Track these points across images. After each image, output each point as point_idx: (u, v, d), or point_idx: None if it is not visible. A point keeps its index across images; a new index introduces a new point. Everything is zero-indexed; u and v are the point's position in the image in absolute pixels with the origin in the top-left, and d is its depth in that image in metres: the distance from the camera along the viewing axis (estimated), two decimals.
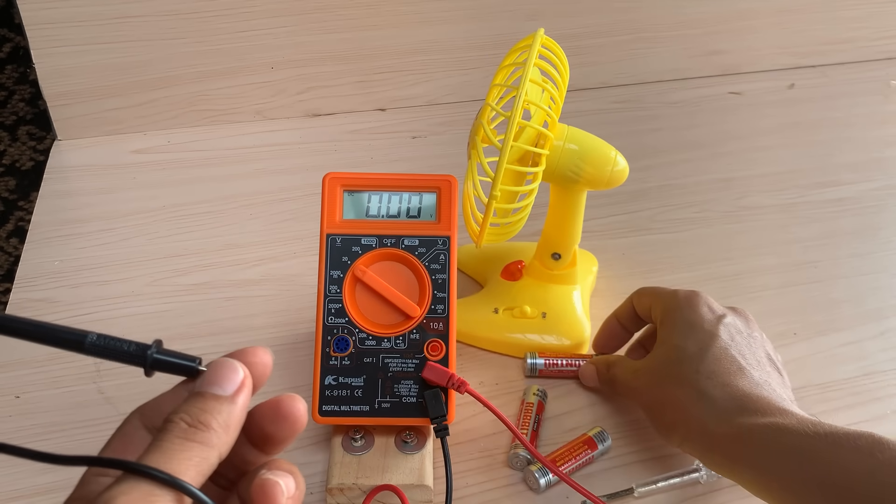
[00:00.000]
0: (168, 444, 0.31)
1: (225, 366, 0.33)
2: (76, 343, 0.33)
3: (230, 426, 0.32)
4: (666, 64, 0.95)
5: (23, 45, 1.52)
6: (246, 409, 0.33)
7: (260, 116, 0.89)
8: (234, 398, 0.32)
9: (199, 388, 0.33)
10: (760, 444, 0.48)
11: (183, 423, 0.31)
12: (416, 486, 0.53)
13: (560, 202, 0.62)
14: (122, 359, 0.33)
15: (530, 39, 0.56)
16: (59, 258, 0.73)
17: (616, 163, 0.58)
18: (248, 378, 0.34)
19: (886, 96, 0.96)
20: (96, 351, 0.33)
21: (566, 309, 0.65)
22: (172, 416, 0.32)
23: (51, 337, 0.34)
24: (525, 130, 0.55)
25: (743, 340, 0.55)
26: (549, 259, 0.65)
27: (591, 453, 0.57)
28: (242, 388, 0.33)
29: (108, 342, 0.33)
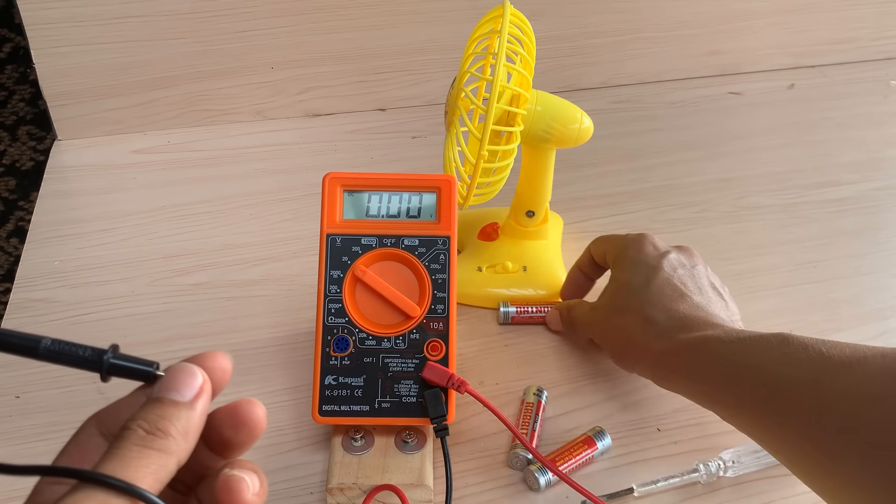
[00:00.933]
0: (125, 452, 0.30)
1: (183, 371, 0.32)
2: (30, 349, 0.32)
3: (189, 432, 0.31)
4: (666, 64, 0.95)
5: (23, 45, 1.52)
6: (205, 414, 0.32)
7: (260, 116, 0.89)
8: (192, 404, 0.32)
9: (157, 394, 0.32)
10: (693, 354, 0.53)
11: (140, 430, 0.31)
12: (416, 485, 0.53)
13: (532, 162, 0.66)
14: (78, 364, 0.32)
15: (497, 12, 0.59)
16: (59, 258, 0.73)
17: (582, 121, 0.62)
18: (207, 383, 0.33)
19: (886, 96, 0.96)
20: (51, 356, 0.32)
21: (544, 261, 0.71)
22: (130, 423, 0.31)
23: (1, 343, 0.33)
24: (503, 93, 0.58)
25: (685, 272, 0.60)
26: (523, 217, 0.70)
27: (591, 453, 0.57)
28: (201, 394, 0.32)
29: (62, 347, 0.32)
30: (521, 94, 0.59)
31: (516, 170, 0.65)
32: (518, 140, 0.60)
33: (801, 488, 0.58)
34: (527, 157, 0.66)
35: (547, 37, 0.66)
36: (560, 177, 0.67)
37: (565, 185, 0.76)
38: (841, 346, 0.48)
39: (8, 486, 0.57)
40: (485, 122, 0.56)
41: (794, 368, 0.48)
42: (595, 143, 0.64)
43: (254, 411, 0.33)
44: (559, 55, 0.91)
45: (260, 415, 0.33)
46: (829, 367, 0.46)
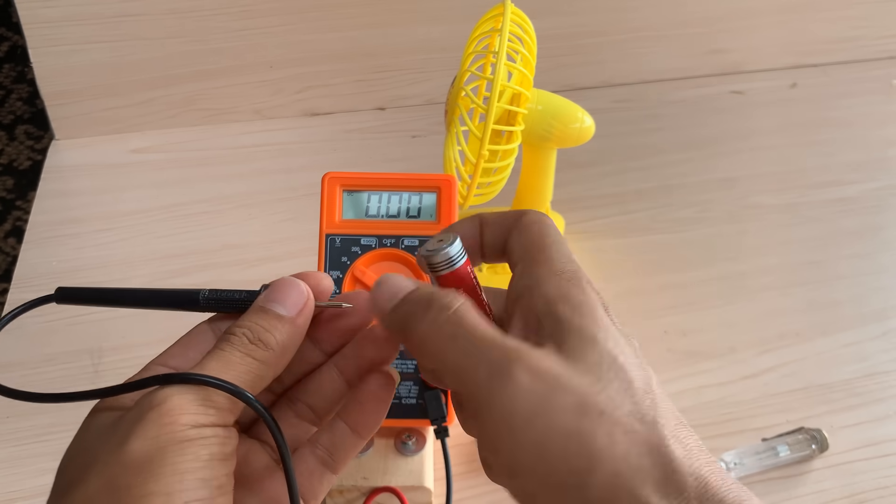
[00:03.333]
0: (229, 356, 0.32)
1: (291, 285, 0.34)
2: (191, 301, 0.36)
3: (287, 348, 0.33)
4: (667, 63, 0.95)
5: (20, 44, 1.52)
6: (304, 331, 0.33)
7: (259, 116, 0.88)
8: (295, 320, 0.33)
9: (262, 303, 0.33)
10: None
11: (245, 337, 0.32)
12: (415, 487, 0.53)
13: (532, 162, 0.66)
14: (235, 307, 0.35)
15: (498, 10, 0.59)
16: (57, 258, 0.73)
17: (583, 121, 0.62)
18: (311, 301, 0.34)
19: (888, 96, 0.95)
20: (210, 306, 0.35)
21: None
22: (235, 329, 0.32)
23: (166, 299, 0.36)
24: (504, 92, 0.58)
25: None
26: None
27: None
28: (304, 311, 0.33)
29: (220, 295, 0.35)
30: (521, 93, 0.59)
31: (517, 169, 0.65)
32: (519, 139, 0.60)
33: (803, 490, 0.58)
34: (527, 157, 0.66)
35: (548, 35, 0.66)
36: (561, 176, 0.67)
37: (566, 184, 0.76)
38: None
39: (8, 487, 0.57)
40: (485, 121, 0.56)
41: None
42: (596, 143, 0.64)
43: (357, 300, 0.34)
44: (560, 54, 0.91)
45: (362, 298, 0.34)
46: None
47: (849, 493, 0.58)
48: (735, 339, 0.68)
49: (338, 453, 0.35)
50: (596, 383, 0.29)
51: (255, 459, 0.34)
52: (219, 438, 0.31)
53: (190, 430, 0.30)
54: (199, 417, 0.30)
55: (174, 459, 0.29)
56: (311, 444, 0.35)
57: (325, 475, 0.35)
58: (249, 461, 0.33)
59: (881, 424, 0.62)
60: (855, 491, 0.58)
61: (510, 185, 0.63)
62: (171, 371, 0.34)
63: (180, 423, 0.30)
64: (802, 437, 0.59)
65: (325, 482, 0.35)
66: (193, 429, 0.30)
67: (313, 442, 0.35)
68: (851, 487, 0.58)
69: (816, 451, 0.59)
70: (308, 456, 0.34)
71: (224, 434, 0.31)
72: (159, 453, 0.29)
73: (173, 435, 0.29)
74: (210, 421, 0.31)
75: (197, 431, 0.30)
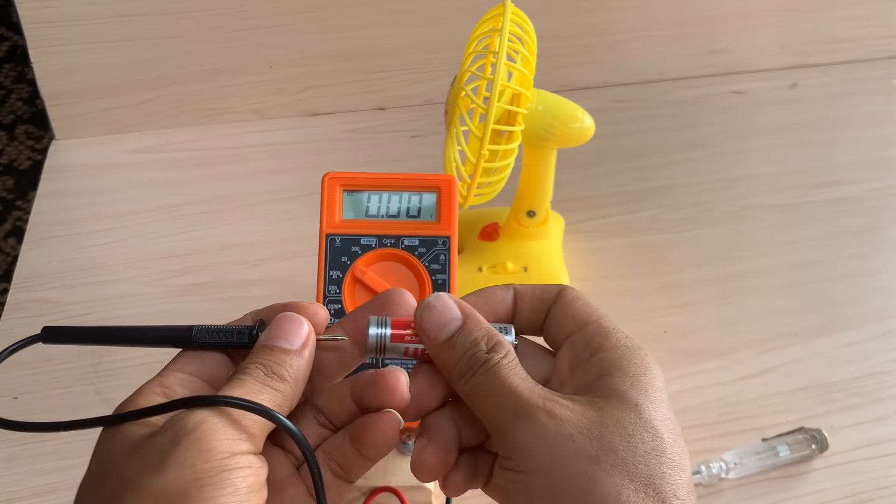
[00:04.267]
0: (249, 385, 0.32)
1: (292, 320, 0.34)
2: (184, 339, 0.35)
3: (299, 379, 0.33)
4: (667, 63, 0.95)
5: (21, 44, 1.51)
6: (311, 361, 0.34)
7: (259, 116, 0.88)
8: (301, 351, 0.33)
9: (266, 342, 0.33)
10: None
11: (260, 371, 0.32)
12: (415, 487, 0.52)
13: (533, 162, 0.66)
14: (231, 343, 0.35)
15: (498, 10, 0.59)
16: (57, 258, 0.73)
17: (583, 120, 0.62)
18: (312, 333, 0.34)
19: (888, 96, 0.95)
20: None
21: (545, 261, 0.70)
22: (247, 365, 0.33)
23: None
24: (504, 92, 0.58)
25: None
26: (524, 217, 0.69)
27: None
28: (308, 343, 0.34)
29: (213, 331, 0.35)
30: (521, 93, 0.59)
31: (517, 169, 0.65)
32: (519, 139, 0.60)
33: (803, 489, 0.58)
34: (527, 157, 0.66)
35: (548, 35, 0.66)
36: (561, 176, 0.67)
37: (566, 184, 0.76)
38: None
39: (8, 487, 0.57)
40: (485, 121, 0.56)
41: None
42: (596, 143, 0.64)
43: (395, 378, 0.34)
44: (560, 54, 0.91)
45: (401, 381, 0.34)
46: None
47: (849, 492, 0.58)
48: (735, 339, 0.68)
49: (349, 469, 0.34)
50: (622, 439, 0.31)
51: (277, 467, 0.33)
52: (254, 469, 0.30)
53: (228, 460, 0.29)
54: (236, 444, 0.30)
55: (213, 493, 0.28)
56: (326, 455, 0.34)
57: (342, 486, 0.35)
58: (273, 469, 0.33)
59: (881, 424, 0.62)
60: (855, 491, 0.58)
61: (510, 185, 0.63)
62: (190, 393, 0.33)
63: (218, 452, 0.29)
64: (802, 437, 0.59)
65: (343, 491, 0.35)
66: (231, 457, 0.29)
67: (328, 453, 0.34)
68: (851, 487, 0.58)
69: (816, 451, 0.59)
70: (323, 466, 0.34)
71: (258, 464, 0.31)
72: (197, 485, 0.28)
73: (211, 465, 0.29)
74: (246, 448, 0.30)
75: (234, 461, 0.29)
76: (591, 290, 0.71)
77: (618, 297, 0.71)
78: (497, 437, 0.33)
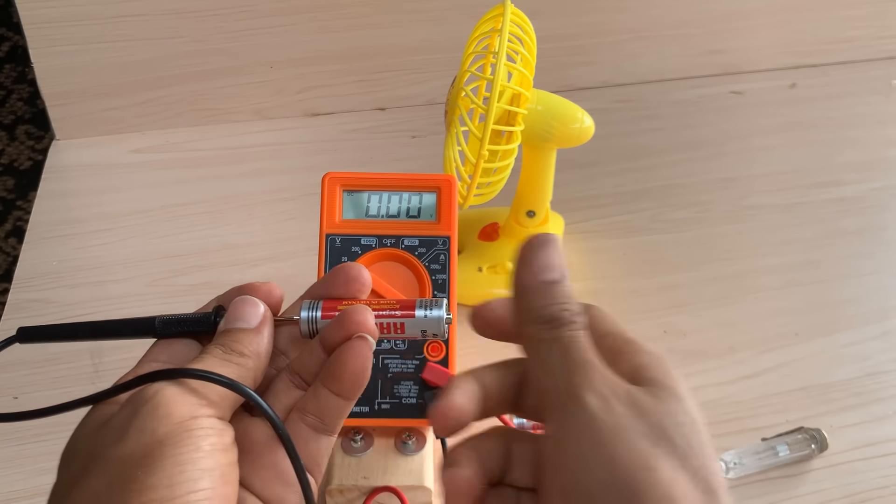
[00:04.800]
0: (208, 361, 0.33)
1: (245, 302, 0.35)
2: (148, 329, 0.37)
3: (260, 353, 0.34)
4: (667, 63, 0.95)
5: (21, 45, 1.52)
6: (272, 338, 0.35)
7: (259, 116, 0.88)
8: (259, 329, 0.35)
9: (224, 326, 0.35)
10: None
11: (219, 350, 0.33)
12: (415, 487, 0.53)
13: (532, 162, 0.66)
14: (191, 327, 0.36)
15: (498, 10, 0.59)
16: (58, 258, 0.73)
17: (583, 121, 0.62)
18: (268, 311, 0.35)
19: (888, 96, 0.95)
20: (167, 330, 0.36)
21: None
22: (208, 347, 0.34)
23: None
24: (504, 92, 0.58)
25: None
26: (524, 217, 0.69)
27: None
28: (265, 321, 0.35)
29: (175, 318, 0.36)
30: (521, 93, 0.59)
31: (517, 169, 0.65)
32: (519, 140, 0.60)
33: (802, 489, 0.58)
34: (527, 157, 0.66)
35: (547, 36, 0.66)
36: (561, 177, 0.67)
37: (566, 184, 0.76)
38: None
39: (8, 487, 0.57)
40: (485, 121, 0.56)
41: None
42: (596, 143, 0.64)
43: (356, 269, 0.36)
44: (560, 54, 0.91)
45: (361, 270, 0.36)
46: None
47: (848, 492, 0.58)
48: (735, 339, 0.68)
49: (327, 417, 0.35)
50: (676, 427, 0.31)
51: (254, 433, 0.34)
52: (216, 430, 0.31)
53: (188, 422, 0.30)
54: (196, 409, 0.31)
55: (174, 451, 0.29)
56: (300, 412, 0.35)
57: (321, 439, 0.35)
58: (250, 435, 0.34)
59: (880, 424, 0.62)
60: (854, 491, 0.58)
61: (510, 185, 0.63)
62: (162, 367, 0.34)
63: (177, 415, 0.30)
64: (802, 436, 0.59)
65: (322, 446, 0.35)
66: (191, 419, 0.30)
67: (301, 410, 0.35)
68: (851, 487, 0.58)
69: (816, 451, 0.59)
70: (298, 424, 0.34)
71: (221, 426, 0.31)
72: (158, 446, 0.29)
73: (170, 427, 0.29)
74: (206, 413, 0.31)
75: (196, 423, 0.30)
76: (591, 290, 0.71)
77: (618, 297, 0.71)
78: (551, 396, 0.31)
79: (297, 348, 0.37)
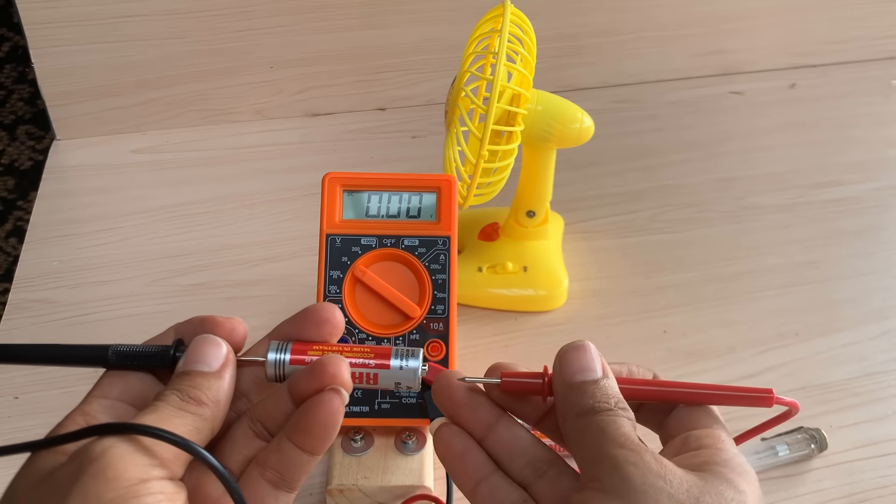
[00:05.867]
0: (164, 410, 0.30)
1: (207, 343, 0.33)
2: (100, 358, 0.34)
3: (220, 400, 0.32)
4: (666, 63, 0.95)
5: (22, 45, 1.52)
6: (233, 382, 0.33)
7: (259, 116, 0.88)
8: (220, 373, 0.32)
9: (185, 367, 0.32)
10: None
11: (175, 397, 0.31)
12: (415, 487, 0.53)
13: (532, 162, 0.66)
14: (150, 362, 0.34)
15: (498, 11, 0.59)
16: (58, 258, 0.73)
17: (583, 121, 0.62)
18: (231, 353, 0.33)
19: (888, 96, 0.95)
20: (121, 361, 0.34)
21: (545, 261, 0.70)
22: (164, 393, 0.31)
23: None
24: (504, 92, 0.58)
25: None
26: (523, 217, 0.69)
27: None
28: (227, 363, 0.33)
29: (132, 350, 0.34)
30: (521, 93, 0.59)
31: (517, 170, 0.65)
32: (518, 140, 0.60)
33: (802, 489, 0.58)
34: (527, 157, 0.66)
35: (547, 36, 0.66)
36: (560, 177, 0.67)
37: (566, 185, 0.76)
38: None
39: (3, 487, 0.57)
40: (485, 121, 0.56)
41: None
42: (595, 143, 0.64)
43: (329, 310, 0.35)
44: (559, 54, 0.91)
45: (335, 311, 0.35)
46: None
47: (848, 492, 0.58)
48: (734, 338, 0.68)
49: (289, 473, 0.32)
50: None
51: (208, 486, 0.32)
52: (167, 495, 0.28)
53: (137, 486, 0.27)
54: (146, 471, 0.28)
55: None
56: (260, 466, 0.32)
57: (280, 496, 0.33)
58: (203, 488, 0.31)
59: (880, 424, 0.62)
60: (854, 490, 0.58)
61: (510, 185, 0.64)
62: (112, 409, 0.32)
63: (125, 479, 0.27)
64: (801, 436, 0.59)
65: (281, 502, 0.33)
66: (140, 484, 0.28)
67: (262, 464, 0.32)
68: (850, 487, 0.58)
69: (815, 451, 0.59)
70: (257, 480, 0.32)
71: (172, 489, 0.29)
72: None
73: (118, 492, 0.27)
74: (157, 475, 0.29)
75: (145, 487, 0.28)
76: (591, 290, 0.71)
77: (618, 297, 0.71)
78: (594, 464, 0.33)
79: (260, 391, 0.35)
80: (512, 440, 0.36)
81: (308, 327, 0.35)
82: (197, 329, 0.34)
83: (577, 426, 0.34)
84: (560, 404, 0.35)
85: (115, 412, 0.32)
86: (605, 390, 0.34)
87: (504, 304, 0.70)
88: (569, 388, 0.34)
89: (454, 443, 0.36)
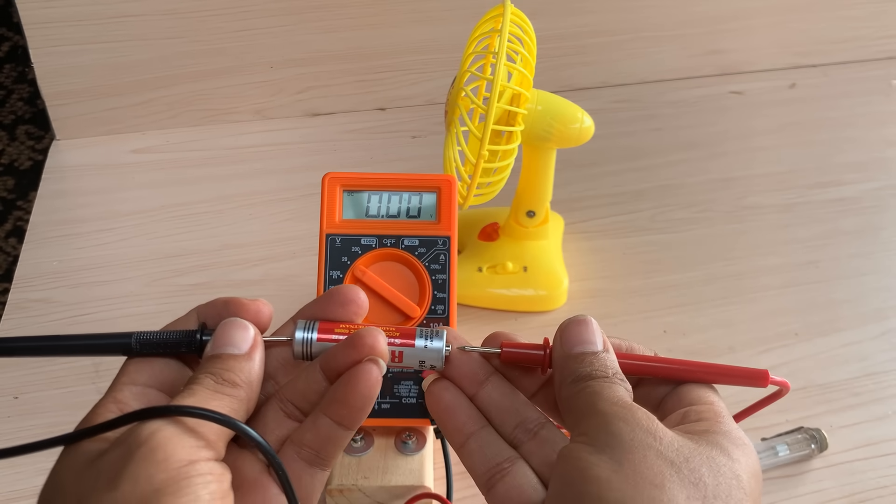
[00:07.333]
0: (199, 394, 0.31)
1: (235, 326, 0.33)
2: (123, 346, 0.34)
3: (252, 381, 0.32)
4: (666, 63, 0.95)
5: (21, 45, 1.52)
6: (262, 363, 0.33)
7: (259, 116, 0.88)
8: (250, 355, 0.33)
9: (214, 351, 0.33)
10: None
11: (210, 380, 0.31)
12: (415, 487, 0.53)
13: (532, 162, 0.66)
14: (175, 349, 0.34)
15: (498, 10, 0.59)
16: (58, 258, 0.73)
17: (583, 121, 0.62)
18: (259, 334, 0.34)
19: (888, 96, 0.95)
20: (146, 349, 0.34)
21: (545, 261, 0.70)
22: (197, 376, 0.32)
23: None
24: (504, 92, 0.58)
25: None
26: (523, 217, 0.69)
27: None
28: (256, 345, 0.33)
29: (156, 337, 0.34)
30: (521, 93, 0.59)
31: (517, 170, 0.65)
32: (518, 140, 0.60)
33: (802, 489, 0.58)
34: (527, 157, 0.66)
35: (547, 36, 0.66)
36: (560, 177, 0.67)
37: (566, 184, 0.76)
38: None
39: (8, 487, 0.57)
40: (485, 121, 0.56)
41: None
42: (595, 143, 0.64)
43: (354, 293, 0.36)
44: (559, 54, 0.91)
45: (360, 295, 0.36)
46: None
47: (848, 492, 0.58)
48: (734, 338, 0.68)
49: (325, 450, 0.33)
50: (709, 470, 0.32)
51: (244, 467, 0.32)
52: (215, 476, 0.29)
53: (187, 468, 0.28)
54: (195, 452, 0.29)
55: (172, 501, 0.27)
56: (296, 445, 0.33)
57: (316, 474, 0.33)
58: (240, 469, 0.32)
59: (880, 424, 0.62)
60: (854, 490, 0.58)
61: (510, 185, 0.64)
62: (144, 393, 0.32)
63: (176, 460, 0.28)
64: (802, 436, 0.59)
65: (317, 480, 0.33)
66: (190, 465, 0.28)
67: (297, 442, 0.33)
68: (851, 487, 0.58)
69: (816, 451, 0.59)
70: (293, 458, 0.33)
71: (220, 470, 0.30)
72: (155, 495, 0.27)
73: (169, 474, 0.27)
74: (206, 455, 0.29)
75: (194, 468, 0.28)
76: (591, 290, 0.71)
77: (618, 297, 0.71)
78: (584, 419, 0.33)
79: (287, 373, 0.35)
80: (502, 399, 0.36)
81: (334, 307, 0.36)
82: (221, 311, 0.35)
83: (573, 391, 0.34)
84: (558, 373, 0.35)
85: (147, 398, 0.33)
86: (604, 362, 0.35)
87: (504, 304, 0.70)
88: (568, 357, 0.35)
89: (444, 396, 0.37)
